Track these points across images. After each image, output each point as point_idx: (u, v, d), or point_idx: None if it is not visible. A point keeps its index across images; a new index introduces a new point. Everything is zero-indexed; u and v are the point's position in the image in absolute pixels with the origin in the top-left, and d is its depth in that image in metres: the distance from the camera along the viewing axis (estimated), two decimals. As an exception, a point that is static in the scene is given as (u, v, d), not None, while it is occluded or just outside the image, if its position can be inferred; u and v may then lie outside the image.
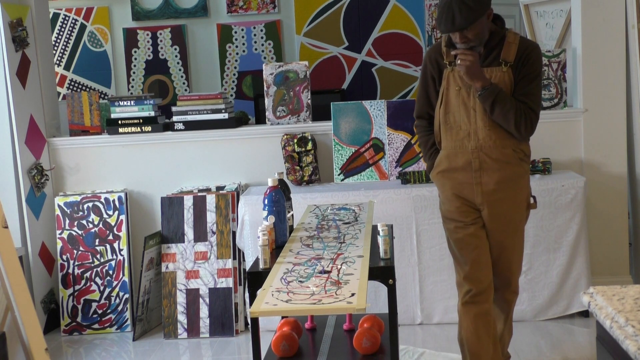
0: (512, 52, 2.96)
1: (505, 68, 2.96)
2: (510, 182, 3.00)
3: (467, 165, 3.01)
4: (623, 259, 4.38)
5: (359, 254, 2.60)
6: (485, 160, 2.99)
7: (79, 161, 4.63)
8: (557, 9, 4.97)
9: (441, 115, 3.06)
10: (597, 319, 1.67)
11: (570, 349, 3.74)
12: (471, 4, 2.84)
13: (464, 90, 3.00)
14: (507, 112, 2.91)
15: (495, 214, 3.01)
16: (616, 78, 4.33)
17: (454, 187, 3.06)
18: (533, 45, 3.02)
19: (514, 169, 3.00)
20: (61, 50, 6.58)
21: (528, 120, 2.95)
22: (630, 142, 4.38)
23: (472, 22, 2.85)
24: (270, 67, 4.54)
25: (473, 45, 2.93)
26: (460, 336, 3.10)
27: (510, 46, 2.96)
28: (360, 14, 6.46)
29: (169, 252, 4.31)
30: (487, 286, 3.04)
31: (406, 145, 4.40)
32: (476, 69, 2.91)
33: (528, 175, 3.08)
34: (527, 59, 2.96)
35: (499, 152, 2.98)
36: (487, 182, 2.99)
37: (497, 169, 2.98)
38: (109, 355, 4.13)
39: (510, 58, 2.96)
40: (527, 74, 2.96)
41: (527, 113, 2.95)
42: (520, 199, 3.06)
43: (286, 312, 2.19)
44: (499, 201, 3.00)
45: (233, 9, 6.47)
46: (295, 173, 4.41)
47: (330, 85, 6.42)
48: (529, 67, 2.96)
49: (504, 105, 2.91)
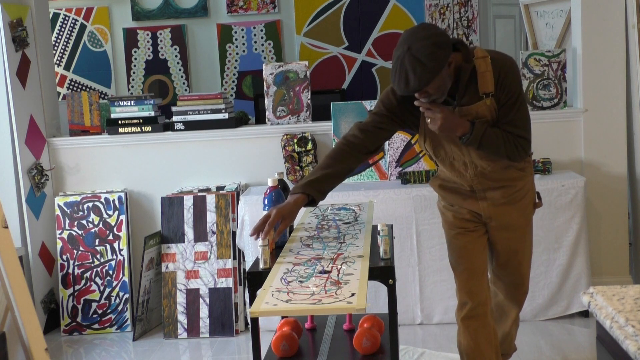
0: (489, 81, 2.67)
1: (488, 100, 2.69)
2: (515, 190, 2.88)
3: (469, 188, 2.90)
4: (623, 259, 4.38)
5: (359, 254, 2.60)
6: (487, 182, 2.86)
7: (79, 161, 4.63)
8: (557, 9, 4.97)
9: (428, 149, 2.89)
10: (597, 319, 1.67)
11: (570, 349, 3.74)
12: (426, 61, 2.51)
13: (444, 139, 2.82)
14: (498, 149, 2.72)
15: (503, 225, 2.92)
16: (616, 78, 4.33)
17: (456, 200, 2.95)
18: (505, 63, 2.71)
19: (518, 178, 2.88)
20: (61, 50, 6.58)
21: (519, 148, 2.74)
22: (630, 142, 4.38)
23: (428, 83, 2.54)
24: (270, 67, 4.54)
25: (435, 98, 2.66)
26: (460, 348, 3.02)
27: (484, 76, 2.67)
28: (360, 14, 6.46)
29: (169, 252, 4.31)
30: (484, 299, 2.93)
31: (406, 145, 4.40)
32: (449, 122, 2.66)
33: (532, 176, 2.96)
34: (504, 83, 2.68)
35: (501, 174, 2.84)
36: (492, 197, 2.87)
37: (500, 186, 2.86)
38: (109, 355, 4.13)
39: (489, 88, 2.68)
40: (507, 100, 2.70)
41: (517, 142, 2.74)
42: (526, 202, 2.94)
43: (286, 312, 2.19)
44: (507, 212, 2.89)
45: (233, 9, 6.47)
46: (295, 173, 4.41)
47: (330, 85, 6.42)
48: (508, 92, 2.69)
49: (491, 144, 2.70)
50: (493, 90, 2.67)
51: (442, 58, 2.54)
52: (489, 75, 2.67)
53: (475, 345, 2.94)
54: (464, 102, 2.72)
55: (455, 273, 2.99)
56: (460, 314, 2.96)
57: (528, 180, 2.93)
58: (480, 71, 2.67)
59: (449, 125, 2.68)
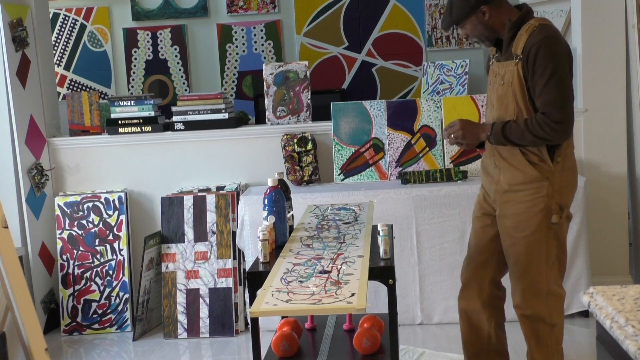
0: (520, 44, 2.77)
1: (514, 63, 2.79)
2: (522, 185, 2.82)
3: (490, 161, 2.96)
4: (623, 259, 4.38)
5: (359, 254, 2.60)
6: (498, 157, 2.89)
7: (79, 161, 4.63)
8: (557, 9, 4.97)
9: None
10: (597, 319, 1.67)
11: (570, 349, 3.74)
12: (454, 6, 2.88)
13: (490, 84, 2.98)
14: (523, 135, 2.76)
15: (501, 216, 2.91)
16: (616, 78, 4.33)
17: (482, 176, 3.05)
18: (543, 36, 2.73)
19: (526, 171, 2.81)
20: (61, 50, 6.58)
21: (544, 125, 2.71)
22: (630, 142, 4.38)
23: (452, 24, 2.91)
24: (270, 67, 4.54)
25: (475, 40, 2.95)
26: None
27: (520, 38, 2.78)
28: (360, 14, 6.46)
29: (169, 252, 4.31)
30: (469, 283, 3.05)
31: (406, 145, 4.40)
32: (469, 129, 2.91)
33: (548, 182, 2.79)
34: (534, 53, 2.72)
35: (508, 152, 2.86)
36: (502, 181, 2.88)
37: (507, 169, 2.85)
38: (109, 355, 4.13)
39: (518, 51, 2.77)
40: (534, 71, 2.74)
41: (542, 120, 2.72)
42: (531, 205, 2.81)
43: (286, 312, 2.19)
44: (507, 203, 2.87)
45: (233, 9, 6.47)
46: (295, 173, 4.41)
47: (330, 85, 6.42)
48: (537, 63, 2.72)
49: (516, 133, 2.77)
50: (520, 53, 2.77)
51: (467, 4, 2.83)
52: (523, 40, 2.77)
53: (461, 325, 3.12)
54: (502, 59, 2.89)
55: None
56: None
57: (539, 181, 2.80)
58: (520, 33, 2.80)
59: (470, 135, 2.90)
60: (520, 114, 2.80)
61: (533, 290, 2.89)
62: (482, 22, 2.86)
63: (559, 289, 2.94)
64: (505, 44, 2.87)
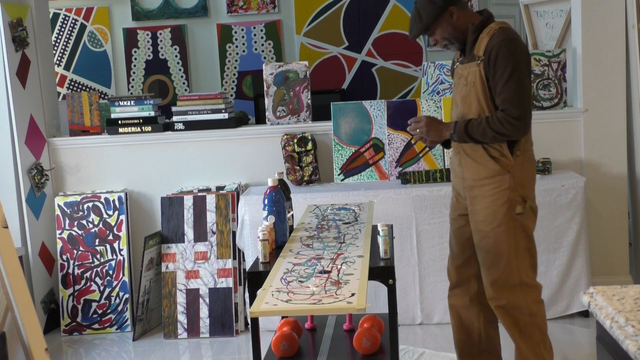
0: (482, 46, 2.88)
1: (477, 62, 2.89)
2: (486, 179, 2.91)
3: (456, 158, 3.07)
4: (623, 259, 4.38)
5: (359, 254, 2.60)
6: (463, 155, 2.99)
7: (79, 161, 4.63)
8: (557, 9, 4.97)
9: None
10: (597, 319, 1.67)
11: (570, 349, 3.74)
12: (422, 11, 2.93)
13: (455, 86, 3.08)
14: (485, 132, 2.85)
15: (471, 212, 2.99)
16: (616, 78, 4.32)
17: (453, 179, 3.14)
18: (502, 38, 2.84)
19: (488, 166, 2.90)
20: (61, 50, 6.58)
21: (505, 122, 2.81)
22: (630, 142, 4.38)
23: (422, 30, 2.95)
24: (270, 67, 4.54)
25: (445, 44, 2.99)
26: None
27: (482, 41, 2.89)
28: (360, 14, 6.46)
29: (169, 252, 4.31)
30: (455, 281, 3.15)
31: (406, 145, 4.40)
32: (434, 126, 2.99)
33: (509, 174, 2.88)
34: (495, 54, 2.83)
35: (471, 149, 2.96)
36: (467, 177, 2.99)
37: (471, 165, 2.95)
38: (109, 355, 4.13)
39: (480, 53, 2.88)
40: (495, 71, 2.83)
41: (502, 117, 2.82)
42: (495, 198, 2.89)
43: (286, 312, 2.19)
44: (475, 199, 2.96)
45: (233, 9, 6.47)
46: (295, 173, 4.41)
47: (330, 85, 6.42)
48: (497, 64, 2.82)
49: (478, 131, 2.86)
50: (482, 55, 2.86)
51: (434, 9, 2.91)
52: (484, 42, 2.87)
53: (451, 321, 3.20)
54: (465, 61, 2.98)
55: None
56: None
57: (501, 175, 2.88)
58: (482, 35, 2.90)
59: (434, 132, 2.99)
60: (482, 112, 2.90)
61: (504, 282, 2.93)
62: (450, 23, 2.94)
63: (532, 282, 2.97)
64: (468, 47, 2.97)
